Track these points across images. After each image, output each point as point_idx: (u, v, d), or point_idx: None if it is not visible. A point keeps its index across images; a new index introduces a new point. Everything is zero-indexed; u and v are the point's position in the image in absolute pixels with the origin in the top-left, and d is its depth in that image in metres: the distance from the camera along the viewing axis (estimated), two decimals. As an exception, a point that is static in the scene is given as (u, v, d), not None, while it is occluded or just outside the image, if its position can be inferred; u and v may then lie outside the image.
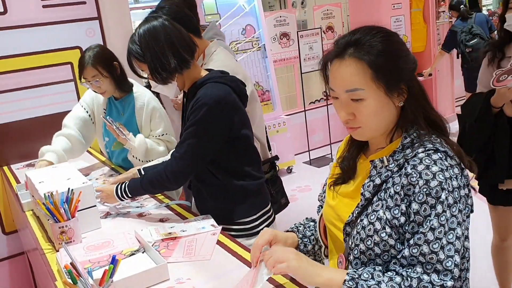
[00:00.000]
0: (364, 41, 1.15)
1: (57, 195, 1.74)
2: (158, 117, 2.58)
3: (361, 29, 1.20)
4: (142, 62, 1.83)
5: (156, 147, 2.55)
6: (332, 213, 1.32)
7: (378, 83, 1.14)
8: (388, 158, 1.19)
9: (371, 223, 1.16)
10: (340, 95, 1.18)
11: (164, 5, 2.21)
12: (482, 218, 3.66)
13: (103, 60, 2.48)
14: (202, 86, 1.85)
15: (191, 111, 1.81)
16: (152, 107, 2.57)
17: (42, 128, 3.12)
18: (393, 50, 1.17)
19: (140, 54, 1.81)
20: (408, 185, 1.11)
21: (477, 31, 5.39)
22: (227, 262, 1.56)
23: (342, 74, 1.16)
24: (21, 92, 3.08)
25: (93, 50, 2.49)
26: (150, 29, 1.81)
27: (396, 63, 1.16)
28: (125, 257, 1.61)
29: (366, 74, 1.13)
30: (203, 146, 1.82)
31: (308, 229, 1.48)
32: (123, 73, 2.56)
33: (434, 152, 1.12)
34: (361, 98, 1.14)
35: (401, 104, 1.19)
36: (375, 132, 1.21)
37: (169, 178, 1.85)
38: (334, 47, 1.21)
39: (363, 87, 1.14)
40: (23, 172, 2.53)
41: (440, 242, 1.06)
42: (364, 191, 1.20)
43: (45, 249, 1.81)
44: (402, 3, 5.80)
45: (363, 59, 1.14)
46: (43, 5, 3.07)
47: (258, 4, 5.34)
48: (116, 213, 2.07)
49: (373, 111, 1.16)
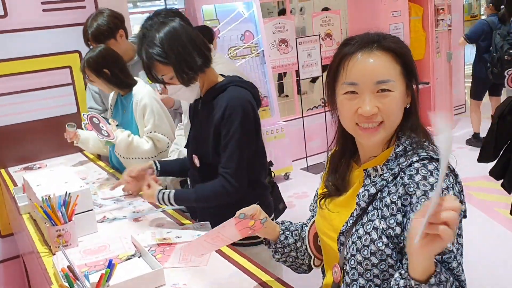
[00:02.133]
0: (387, 37, 1.19)
1: (54, 199, 1.74)
2: (148, 114, 2.57)
3: (370, 33, 1.22)
4: (165, 65, 1.78)
5: (141, 145, 2.55)
6: (325, 224, 1.32)
7: (403, 77, 1.17)
8: (381, 166, 1.19)
9: (367, 233, 1.15)
10: (366, 87, 1.15)
11: (161, 12, 2.19)
12: (477, 228, 3.68)
13: (91, 66, 2.56)
14: (223, 89, 1.84)
15: (224, 122, 1.79)
16: (143, 104, 2.57)
17: (40, 132, 3.12)
18: (408, 48, 1.21)
19: (163, 56, 1.77)
20: (405, 195, 1.11)
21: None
22: (224, 268, 1.56)
23: (372, 64, 1.15)
24: (20, 95, 3.09)
25: (88, 55, 2.58)
26: (171, 30, 1.79)
27: (413, 63, 1.21)
28: (121, 261, 1.61)
29: (396, 68, 1.16)
30: (247, 155, 1.83)
31: (293, 225, 1.48)
32: (119, 75, 2.60)
33: (429, 161, 1.13)
34: (390, 90, 1.15)
35: (407, 106, 1.21)
36: (391, 130, 1.20)
37: (230, 193, 1.81)
38: (349, 44, 1.20)
39: (394, 79, 1.16)
40: (20, 175, 2.53)
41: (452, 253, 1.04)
42: (359, 200, 1.20)
43: (42, 253, 1.81)
44: (401, 11, 5.83)
45: (393, 52, 1.16)
46: (43, 9, 3.08)
47: (257, 11, 5.36)
48: (113, 218, 2.08)
49: (397, 104, 1.17)
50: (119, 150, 2.56)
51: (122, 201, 2.27)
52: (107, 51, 2.61)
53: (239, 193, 1.82)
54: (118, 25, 2.82)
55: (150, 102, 2.58)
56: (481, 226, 3.77)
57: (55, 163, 2.95)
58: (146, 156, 2.54)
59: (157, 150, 2.57)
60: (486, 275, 3.06)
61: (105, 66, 2.57)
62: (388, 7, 5.71)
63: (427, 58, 6.30)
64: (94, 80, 2.62)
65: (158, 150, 2.57)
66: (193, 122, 2.02)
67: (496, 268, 3.19)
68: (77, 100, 3.26)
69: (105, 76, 2.58)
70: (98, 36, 2.78)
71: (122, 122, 2.71)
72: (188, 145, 2.04)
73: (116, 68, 2.59)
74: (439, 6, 6.42)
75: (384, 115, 1.16)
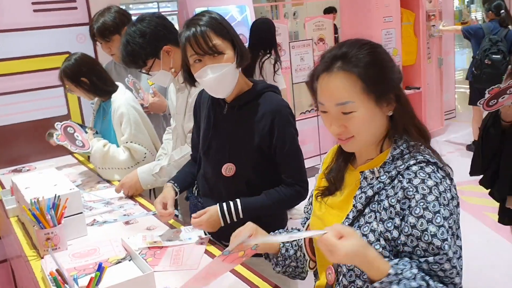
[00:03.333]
0: (351, 54, 1.16)
1: (43, 201, 1.72)
2: (124, 123, 2.52)
3: (347, 42, 1.21)
4: (224, 38, 1.69)
5: (117, 155, 2.51)
6: (320, 225, 1.31)
7: (368, 94, 1.14)
8: (379, 169, 1.19)
9: (364, 235, 1.15)
10: (330, 108, 1.18)
11: (145, 17, 2.13)
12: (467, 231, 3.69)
13: (68, 76, 2.55)
14: (259, 95, 1.77)
15: (278, 131, 1.72)
16: (120, 112, 2.52)
17: (29, 134, 3.08)
18: (380, 60, 1.18)
19: (220, 29, 1.68)
20: (404, 199, 1.11)
21: (502, 47, 5.23)
22: (215, 271, 1.53)
23: (331, 88, 1.16)
24: (9, 97, 3.04)
25: (64, 64, 2.55)
26: (217, 16, 1.73)
27: (384, 73, 1.17)
28: (111, 265, 1.58)
29: (356, 86, 1.14)
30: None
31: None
32: (97, 83, 2.57)
33: (426, 164, 1.14)
34: (352, 111, 1.15)
35: (390, 113, 1.20)
36: (366, 142, 1.21)
37: (302, 198, 1.77)
38: (320, 61, 1.21)
39: (353, 100, 1.14)
40: (8, 177, 2.49)
41: (446, 256, 1.06)
42: (356, 202, 1.20)
43: (30, 256, 1.77)
44: (393, 17, 5.86)
45: (352, 71, 1.14)
46: (34, 9, 3.05)
47: (250, 14, 5.36)
48: (103, 221, 2.05)
49: (364, 121, 1.16)
50: (94, 160, 2.53)
51: (113, 204, 2.24)
52: (83, 59, 2.57)
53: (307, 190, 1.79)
54: (125, 22, 2.79)
55: (127, 110, 2.53)
56: (471, 229, 3.78)
57: (44, 166, 2.91)
58: (122, 167, 2.51)
59: (133, 161, 2.52)
60: (475, 278, 3.07)
61: (83, 74, 2.54)
62: (380, 13, 5.73)
63: (418, 64, 6.33)
64: (73, 90, 2.59)
65: (135, 161, 2.53)
66: (214, 128, 1.84)
67: (485, 270, 3.21)
68: (68, 102, 3.22)
69: (83, 85, 2.55)
70: (103, 32, 2.77)
71: (102, 129, 2.68)
72: (206, 153, 1.87)
73: (94, 75, 2.56)
74: (431, 12, 6.46)
75: (351, 132, 1.18)
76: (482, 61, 5.33)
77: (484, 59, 5.28)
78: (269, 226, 1.79)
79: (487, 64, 5.25)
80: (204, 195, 1.94)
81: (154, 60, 2.09)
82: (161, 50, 2.08)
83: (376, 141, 1.22)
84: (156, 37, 2.07)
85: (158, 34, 2.07)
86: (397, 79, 1.21)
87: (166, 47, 2.08)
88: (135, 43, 2.05)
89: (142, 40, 2.05)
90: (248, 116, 1.76)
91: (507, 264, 2.71)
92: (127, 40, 2.07)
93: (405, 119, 1.20)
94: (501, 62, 5.17)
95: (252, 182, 1.78)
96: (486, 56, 5.26)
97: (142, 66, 2.11)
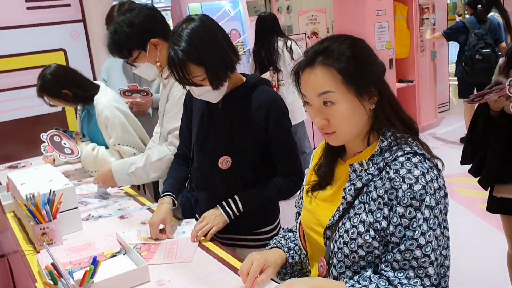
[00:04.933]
0: (332, 49, 1.20)
1: (38, 197, 1.74)
2: (110, 127, 2.49)
3: (329, 37, 1.25)
4: (198, 65, 1.64)
5: (107, 158, 2.49)
6: (311, 218, 1.34)
7: (348, 86, 1.17)
8: (367, 161, 1.22)
9: (354, 226, 1.18)
10: (312, 100, 1.22)
11: (135, 7, 2.11)
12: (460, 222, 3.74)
13: (48, 91, 2.48)
14: (252, 88, 1.79)
15: (272, 124, 1.74)
16: (104, 116, 2.48)
17: (24, 130, 3.11)
18: (361, 55, 1.21)
19: (195, 55, 1.62)
20: (391, 189, 1.14)
21: (489, 40, 5.28)
22: (209, 264, 1.57)
23: (312, 80, 1.20)
24: (4, 94, 3.07)
25: (39, 81, 2.46)
26: (200, 26, 1.66)
27: (365, 67, 1.21)
28: (106, 258, 1.61)
29: (337, 80, 1.17)
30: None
31: (290, 240, 1.49)
32: (79, 92, 2.51)
33: (413, 155, 1.16)
34: (332, 101, 1.18)
35: (372, 107, 1.22)
36: (349, 136, 1.24)
37: (299, 185, 1.69)
38: (304, 56, 1.25)
39: (334, 90, 1.17)
40: (4, 173, 2.52)
41: (431, 245, 1.10)
42: (346, 194, 1.22)
43: (26, 251, 1.80)
44: (386, 10, 5.87)
45: (332, 66, 1.18)
46: (27, 7, 3.07)
47: (244, 9, 5.37)
48: (98, 216, 2.08)
49: (345, 114, 1.19)
50: (85, 165, 2.52)
51: (107, 199, 2.27)
52: (59, 72, 2.50)
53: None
54: None
55: (111, 113, 2.48)
56: (464, 221, 3.83)
57: (40, 162, 2.93)
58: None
59: None
60: (468, 269, 3.11)
61: (63, 86, 2.48)
62: (373, 6, 5.74)
63: (411, 57, 6.35)
64: (56, 104, 2.52)
65: None
66: (209, 121, 1.85)
67: (478, 261, 3.25)
68: (62, 99, 3.24)
69: (66, 97, 2.50)
70: None
71: (89, 132, 2.66)
72: (202, 147, 1.88)
73: (73, 85, 2.50)
74: (424, 5, 6.48)
75: (333, 127, 1.21)
76: (472, 57, 5.36)
77: (474, 54, 5.32)
78: (262, 216, 1.82)
79: (478, 59, 5.29)
80: (198, 188, 1.96)
81: (140, 52, 2.06)
82: (148, 42, 2.05)
83: (361, 135, 1.25)
84: (144, 29, 2.03)
85: (146, 26, 2.04)
86: (379, 72, 1.24)
87: (153, 40, 2.05)
88: (122, 32, 2.02)
89: (129, 30, 2.02)
90: (243, 109, 1.78)
91: (498, 255, 2.76)
92: (114, 28, 2.04)
93: (387, 112, 1.23)
94: (491, 55, 5.23)
95: (247, 176, 1.81)
96: (476, 51, 5.30)
97: (127, 56, 2.07)
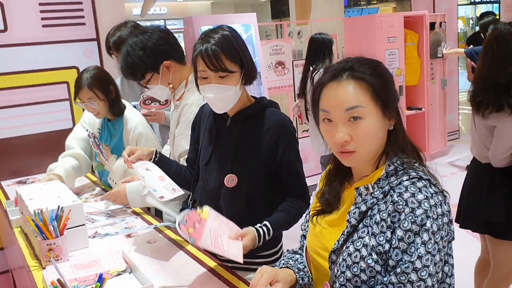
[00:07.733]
0: (357, 66, 1.21)
1: (46, 212, 1.74)
2: (143, 143, 2.49)
3: (351, 58, 1.25)
4: (232, 61, 1.70)
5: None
6: (317, 242, 1.33)
7: (376, 102, 1.18)
8: (373, 185, 1.21)
9: (357, 250, 1.17)
10: (337, 115, 1.19)
11: (148, 30, 2.12)
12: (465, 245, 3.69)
13: (100, 83, 2.47)
14: (261, 110, 1.80)
15: (282, 146, 1.74)
16: (138, 132, 2.50)
17: (34, 146, 3.13)
18: (385, 74, 1.23)
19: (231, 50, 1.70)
20: (394, 212, 1.13)
21: None
22: (215, 286, 1.54)
23: (341, 93, 1.19)
24: (16, 109, 3.10)
25: (91, 72, 2.47)
26: (232, 31, 1.77)
27: (390, 86, 1.23)
28: (111, 277, 1.60)
29: (366, 93, 1.18)
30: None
31: (298, 262, 1.47)
32: (118, 96, 2.56)
33: (418, 180, 1.16)
34: (360, 117, 1.17)
35: (391, 128, 1.23)
36: (366, 156, 1.23)
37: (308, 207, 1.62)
38: (325, 74, 1.24)
39: (363, 105, 1.17)
40: (13, 188, 2.52)
41: (428, 269, 1.08)
42: (350, 217, 1.22)
43: (32, 266, 1.79)
44: (397, 37, 5.91)
45: (363, 78, 1.18)
46: (43, 25, 3.12)
47: (255, 33, 5.43)
48: (105, 233, 2.07)
49: (370, 131, 1.18)
50: (114, 176, 2.51)
51: (115, 217, 2.26)
52: (103, 70, 2.54)
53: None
54: None
55: (145, 131, 2.53)
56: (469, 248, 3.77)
57: (48, 178, 2.94)
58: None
59: None
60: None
61: (111, 82, 2.51)
62: (384, 33, 5.79)
63: (421, 84, 6.36)
64: (98, 101, 2.46)
65: None
66: (217, 139, 1.85)
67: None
68: (73, 116, 3.27)
69: (110, 95, 2.50)
70: (119, 45, 2.75)
71: (112, 148, 2.64)
72: (208, 164, 1.85)
73: (115, 89, 2.54)
74: (435, 33, 6.52)
75: (356, 144, 1.19)
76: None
77: None
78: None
79: None
80: (201, 205, 1.93)
81: (153, 74, 2.08)
82: (161, 64, 2.07)
83: (374, 157, 1.24)
84: (157, 51, 2.05)
85: (160, 49, 2.06)
86: (398, 96, 1.27)
87: (166, 62, 2.07)
88: (135, 55, 2.04)
89: (143, 52, 2.03)
90: (252, 129, 1.77)
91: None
92: (127, 51, 2.06)
93: (401, 136, 1.23)
94: None
95: (251, 196, 1.78)
96: None
97: (140, 79, 2.09)
